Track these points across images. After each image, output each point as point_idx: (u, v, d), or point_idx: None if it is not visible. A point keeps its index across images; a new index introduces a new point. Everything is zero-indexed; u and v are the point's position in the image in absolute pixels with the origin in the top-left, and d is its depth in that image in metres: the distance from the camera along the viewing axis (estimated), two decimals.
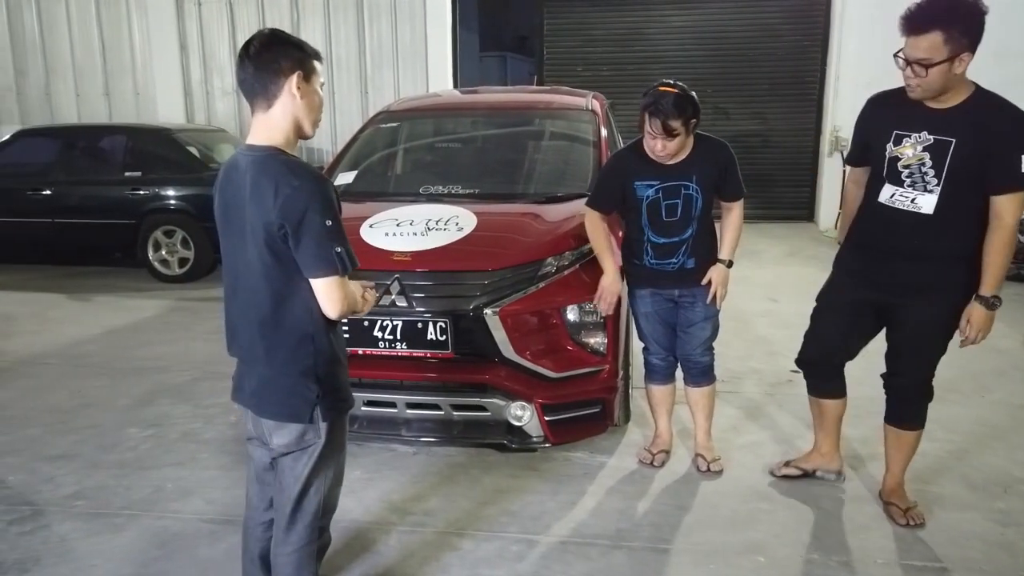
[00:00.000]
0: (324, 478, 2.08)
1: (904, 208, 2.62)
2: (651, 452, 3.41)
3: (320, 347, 1.97)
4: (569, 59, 9.62)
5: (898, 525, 2.88)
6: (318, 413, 1.97)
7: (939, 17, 2.40)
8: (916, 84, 2.50)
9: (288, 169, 1.86)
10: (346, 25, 9.24)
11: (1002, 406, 4.07)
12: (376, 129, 4.57)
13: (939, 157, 2.53)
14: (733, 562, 2.70)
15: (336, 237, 1.87)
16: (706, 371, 3.31)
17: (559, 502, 3.10)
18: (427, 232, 3.34)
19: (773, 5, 9.22)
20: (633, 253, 3.19)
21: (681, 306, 3.23)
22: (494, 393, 3.19)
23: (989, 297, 2.58)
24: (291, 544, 2.08)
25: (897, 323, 2.78)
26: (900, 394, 2.88)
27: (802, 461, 3.24)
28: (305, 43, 1.98)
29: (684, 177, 3.03)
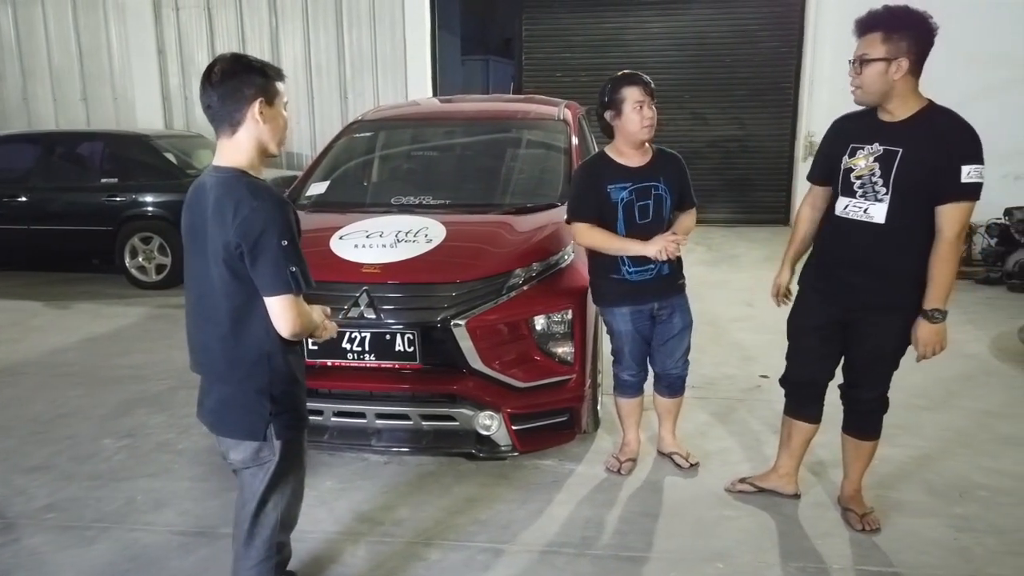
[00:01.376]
0: (281, 495, 2.12)
1: (857, 219, 2.68)
2: (619, 460, 3.46)
3: (276, 366, 2.01)
4: (548, 65, 9.68)
5: (855, 531, 2.94)
6: (272, 431, 2.02)
7: (884, 20, 2.55)
8: (855, 85, 2.61)
9: (249, 191, 1.92)
10: (325, 31, 9.24)
11: (968, 412, 4.15)
12: (350, 139, 4.60)
13: (887, 167, 2.60)
14: (695, 569, 2.75)
15: (291, 257, 1.92)
16: (682, 383, 3.42)
17: (528, 510, 3.14)
18: (396, 244, 3.38)
19: (750, 11, 9.31)
20: (608, 268, 3.20)
21: (659, 320, 3.28)
22: (463, 403, 3.22)
23: (930, 311, 2.63)
24: (251, 559, 2.13)
25: (856, 338, 2.83)
26: (857, 406, 2.94)
27: (758, 479, 3.26)
28: (268, 65, 2.04)
29: (653, 178, 3.13)
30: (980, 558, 2.80)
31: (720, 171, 9.21)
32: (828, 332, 2.87)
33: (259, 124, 1.98)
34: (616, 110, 3.09)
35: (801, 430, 3.08)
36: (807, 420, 3.06)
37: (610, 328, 3.35)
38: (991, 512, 3.11)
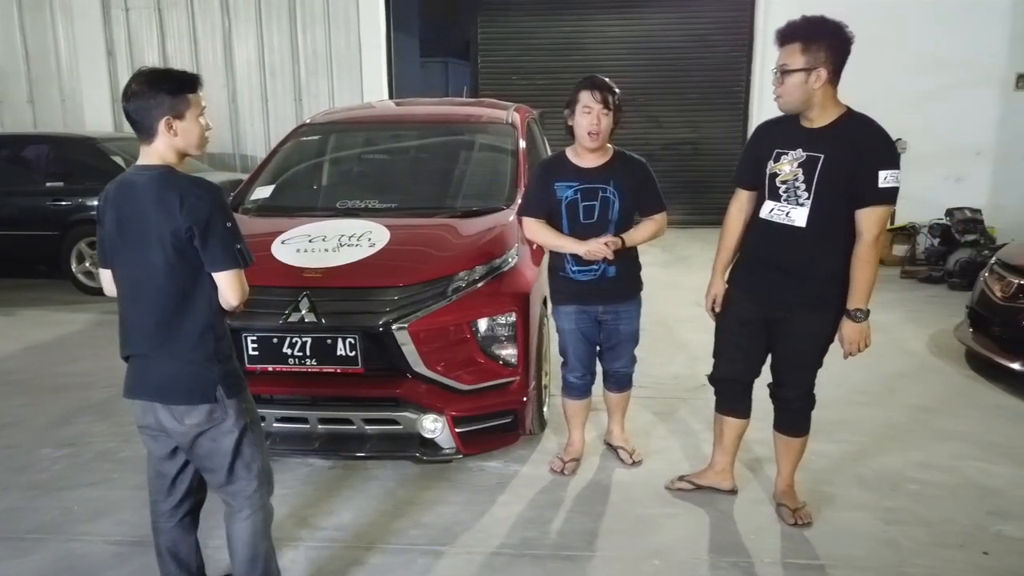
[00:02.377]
0: (252, 444, 2.30)
1: (781, 222, 2.76)
2: (563, 460, 3.50)
3: (219, 334, 2.24)
4: (505, 68, 9.71)
5: (788, 525, 3.02)
6: (222, 392, 2.21)
7: (802, 32, 2.63)
8: (777, 93, 2.69)
9: (190, 182, 2.18)
10: (279, 32, 9.15)
11: (905, 407, 4.27)
12: (296, 142, 4.58)
13: (809, 172, 2.68)
14: (633, 566, 2.80)
15: (236, 236, 2.18)
16: (630, 379, 3.53)
17: (471, 512, 3.16)
18: (339, 248, 3.37)
19: (704, 17, 9.45)
20: (557, 265, 3.27)
21: (604, 325, 3.33)
22: (406, 407, 3.24)
23: (853, 311, 2.72)
24: (244, 512, 2.32)
25: (781, 337, 2.91)
26: (785, 404, 3.02)
27: (696, 477, 3.33)
28: (181, 79, 2.18)
29: (602, 180, 3.16)
30: (907, 550, 2.89)
31: (674, 173, 9.31)
32: (754, 329, 2.95)
33: (171, 137, 2.17)
34: (571, 110, 3.16)
35: (732, 426, 3.16)
36: (736, 416, 3.14)
37: (557, 327, 3.41)
38: (920, 505, 3.21)
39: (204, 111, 2.23)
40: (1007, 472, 3.50)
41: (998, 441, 3.81)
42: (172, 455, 2.33)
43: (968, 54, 8.16)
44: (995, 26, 8.16)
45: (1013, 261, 4.77)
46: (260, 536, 2.36)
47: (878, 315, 6.33)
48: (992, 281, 4.81)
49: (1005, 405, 4.29)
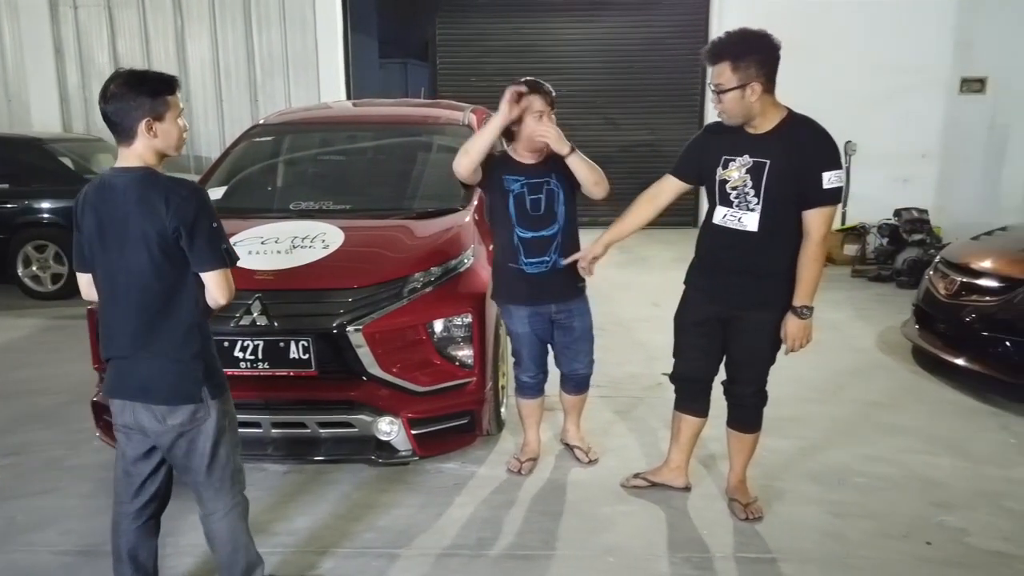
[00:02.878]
0: (230, 444, 2.33)
1: (733, 227, 2.82)
2: (519, 460, 3.52)
3: (204, 334, 2.27)
4: (463, 70, 9.70)
5: (739, 520, 3.07)
6: (206, 392, 2.24)
7: (728, 50, 2.66)
8: (719, 109, 2.75)
9: (174, 183, 2.19)
10: (234, 32, 9.01)
11: (853, 403, 4.38)
12: (249, 143, 4.52)
13: (757, 178, 2.74)
14: (588, 564, 2.83)
15: (222, 236, 2.21)
16: (587, 382, 3.53)
17: (427, 514, 3.16)
18: (292, 250, 3.34)
19: (660, 20, 9.57)
20: (507, 257, 3.25)
21: (558, 324, 3.34)
22: (361, 409, 3.22)
23: (799, 307, 2.80)
24: (219, 510, 2.35)
25: (736, 336, 2.97)
26: (739, 401, 3.08)
27: (651, 474, 3.37)
28: (160, 80, 2.20)
29: (545, 174, 3.20)
30: (854, 542, 2.97)
31: (632, 175, 9.37)
32: (710, 329, 3.00)
33: (150, 139, 2.17)
34: (519, 110, 3.11)
35: (689, 424, 3.21)
36: (694, 414, 3.18)
37: (508, 330, 3.41)
38: (866, 497, 3.29)
39: (182, 112, 2.26)
40: (949, 464, 3.61)
41: (942, 434, 3.93)
42: (146, 456, 2.33)
43: (914, 59, 8.40)
44: (939, 32, 8.42)
45: (956, 259, 4.91)
46: (239, 530, 2.41)
47: (829, 313, 6.51)
48: (936, 279, 4.96)
49: (949, 400, 4.42)
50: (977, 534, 3.02)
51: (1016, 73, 8.39)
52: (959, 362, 4.55)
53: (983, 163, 8.74)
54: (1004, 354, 4.36)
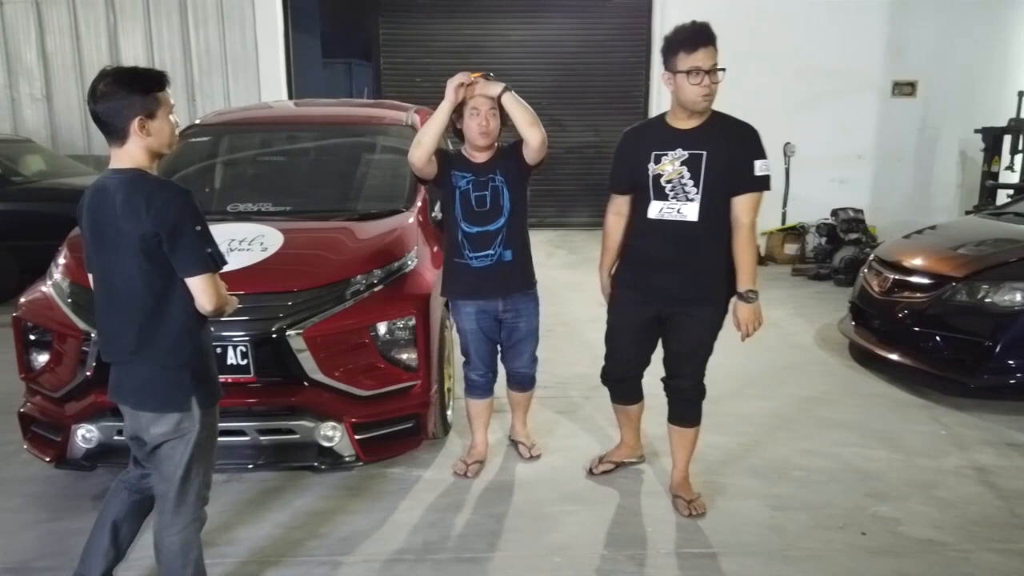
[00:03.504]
0: (204, 461, 2.30)
1: (672, 219, 2.89)
2: (466, 463, 3.50)
3: (196, 342, 2.23)
4: (407, 70, 9.62)
5: (683, 516, 3.11)
6: (194, 402, 2.20)
7: (712, 35, 2.81)
8: (710, 92, 2.77)
9: (158, 185, 2.14)
10: (169, 30, 8.76)
11: (793, 398, 4.48)
12: (184, 144, 4.37)
13: (695, 169, 2.84)
14: (534, 564, 2.82)
15: (206, 240, 2.14)
16: (532, 380, 3.59)
17: (371, 520, 3.11)
18: (228, 253, 3.23)
19: (603, 23, 9.65)
20: (454, 252, 3.27)
21: (504, 324, 3.35)
22: (303, 415, 3.16)
23: (745, 292, 2.89)
24: (178, 524, 2.29)
25: (672, 331, 3.03)
26: (679, 395, 3.14)
27: (613, 455, 3.52)
28: (150, 77, 2.16)
29: (491, 171, 3.22)
30: (792, 533, 3.03)
31: (579, 176, 9.48)
32: (643, 331, 3.09)
33: (143, 138, 2.14)
34: (459, 114, 3.18)
35: (630, 411, 3.37)
36: (632, 403, 3.34)
37: (458, 327, 3.41)
38: (804, 490, 3.37)
39: (173, 109, 2.21)
40: (884, 456, 3.72)
41: (876, 427, 4.05)
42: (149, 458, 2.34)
43: (848, 63, 8.65)
44: (871, 36, 8.68)
45: (888, 258, 5.08)
46: (192, 545, 2.36)
47: (770, 311, 6.63)
48: (870, 277, 5.11)
49: (883, 393, 4.56)
50: (909, 523, 3.12)
51: (945, 76, 8.71)
52: (893, 357, 4.70)
53: (915, 164, 9.05)
54: (934, 349, 4.51)
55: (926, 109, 8.87)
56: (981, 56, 8.72)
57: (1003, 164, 8.09)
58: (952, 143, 8.95)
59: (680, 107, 2.85)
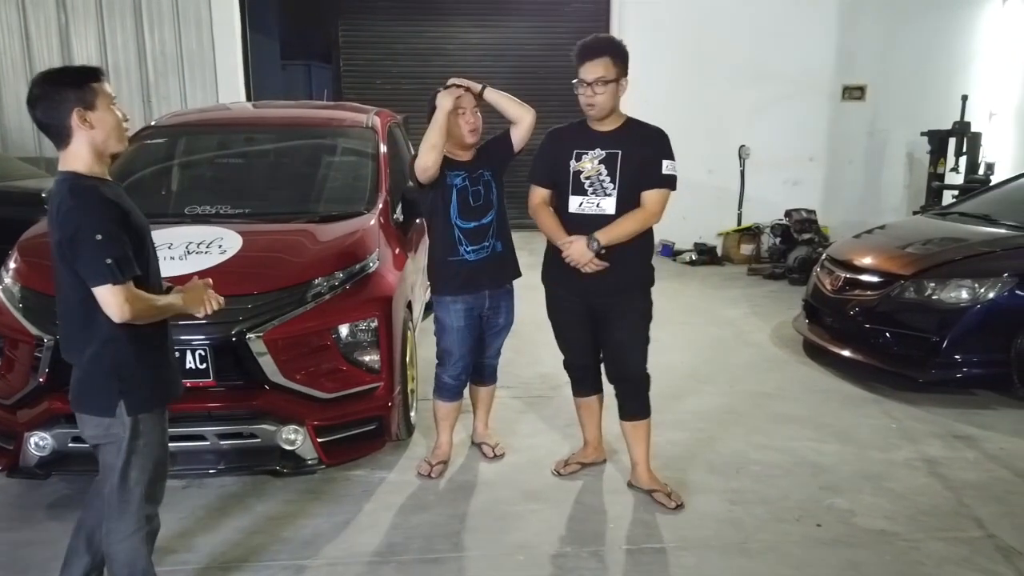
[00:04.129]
0: (142, 469, 2.24)
1: (592, 213, 3.06)
2: (430, 463, 3.51)
3: (121, 349, 2.17)
4: (368, 72, 9.57)
5: (669, 509, 3.20)
6: (122, 408, 2.17)
7: (607, 47, 3.05)
8: (593, 102, 2.99)
9: (69, 191, 2.08)
10: (123, 30, 8.58)
11: (748, 395, 4.58)
12: (141, 145, 4.32)
13: (611, 166, 3.06)
14: (497, 563, 2.85)
15: (107, 249, 2.05)
16: (495, 372, 3.69)
17: (334, 523, 3.11)
18: (186, 256, 3.23)
19: (562, 27, 9.71)
20: (447, 251, 3.31)
21: (486, 317, 3.44)
22: (264, 419, 3.14)
23: (594, 236, 2.99)
24: (121, 531, 2.25)
25: (605, 326, 3.18)
26: (625, 389, 3.26)
27: (578, 457, 3.58)
28: (81, 71, 2.14)
29: (479, 167, 3.34)
30: (750, 526, 3.11)
31: None
32: (578, 320, 3.26)
33: (86, 130, 2.10)
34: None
35: (589, 404, 3.47)
36: (590, 394, 3.45)
37: (441, 325, 3.40)
38: (761, 484, 3.46)
39: (115, 101, 2.17)
40: (836, 450, 3.82)
41: (829, 422, 4.17)
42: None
43: (800, 68, 8.86)
44: (822, 42, 8.91)
45: (840, 256, 5.22)
46: (140, 555, 2.30)
47: (726, 310, 6.76)
48: (823, 275, 5.25)
49: (835, 389, 4.69)
50: (862, 514, 3.21)
51: (892, 81, 8.98)
52: (845, 353, 4.84)
53: (865, 166, 9.30)
54: (884, 345, 4.66)
55: (875, 113, 9.13)
56: (927, 61, 9.02)
57: (948, 166, 8.37)
58: (900, 146, 9.23)
59: None
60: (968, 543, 3.00)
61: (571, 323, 3.29)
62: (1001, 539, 3.02)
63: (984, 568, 2.83)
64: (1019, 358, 4.30)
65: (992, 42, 9.11)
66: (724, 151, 8.89)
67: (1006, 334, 4.32)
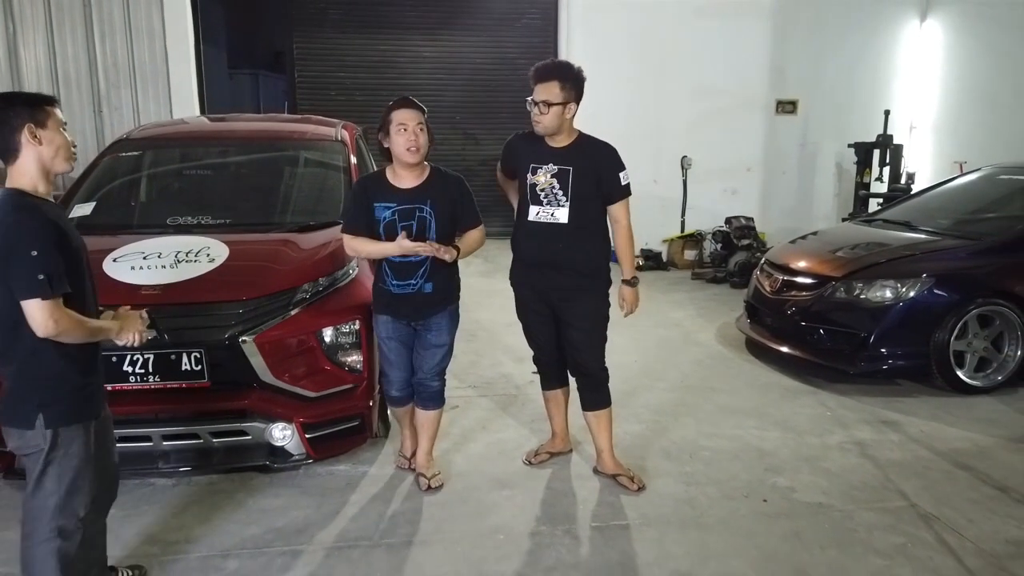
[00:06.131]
0: (58, 481, 2.29)
1: (547, 221, 3.37)
2: (405, 457, 3.73)
3: (45, 362, 2.24)
4: (322, 84, 9.71)
5: (632, 492, 3.50)
6: (41, 421, 2.24)
7: (559, 72, 3.27)
8: (538, 121, 3.28)
9: (11, 207, 2.18)
10: (74, 41, 8.52)
11: (696, 389, 4.94)
12: (115, 158, 4.44)
13: (563, 181, 3.34)
14: (479, 543, 3.11)
15: (40, 265, 2.13)
16: (435, 396, 3.47)
17: (323, 513, 3.31)
18: (177, 264, 3.39)
19: (512, 41, 10.04)
20: (378, 277, 3.38)
21: (418, 333, 3.38)
22: (254, 417, 3.33)
23: (630, 279, 3.49)
24: (32, 537, 2.30)
25: (566, 323, 3.47)
26: (586, 380, 3.55)
27: (548, 447, 3.86)
28: (34, 95, 2.29)
29: (419, 200, 3.19)
30: (704, 505, 3.44)
31: (491, 187, 9.69)
32: (542, 319, 3.54)
33: (34, 147, 2.20)
34: (386, 132, 3.19)
35: (556, 397, 3.75)
36: (557, 387, 3.73)
37: (376, 336, 3.42)
38: (712, 468, 3.80)
39: (65, 127, 2.29)
40: (778, 436, 4.20)
41: (770, 412, 4.55)
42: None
43: (736, 82, 9.38)
44: (756, 58, 9.45)
45: (778, 260, 5.64)
46: (48, 568, 2.31)
47: (673, 312, 7.14)
48: (762, 278, 5.66)
49: (776, 382, 5.09)
50: (802, 491, 3.58)
51: (821, 96, 9.59)
52: (783, 349, 5.25)
53: (798, 175, 9.88)
54: (818, 341, 5.07)
55: (806, 126, 9.72)
56: (852, 78, 9.66)
57: (873, 175, 8.99)
58: (829, 157, 9.85)
59: None
60: (894, 512, 3.39)
61: (536, 322, 3.58)
62: (922, 508, 3.42)
63: (908, 533, 3.22)
64: (937, 350, 4.76)
65: (912, 60, 9.82)
66: (667, 162, 9.34)
67: (925, 329, 4.78)
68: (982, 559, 3.02)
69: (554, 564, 2.97)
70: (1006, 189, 5.96)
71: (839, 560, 3.02)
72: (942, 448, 4.04)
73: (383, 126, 3.21)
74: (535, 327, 3.61)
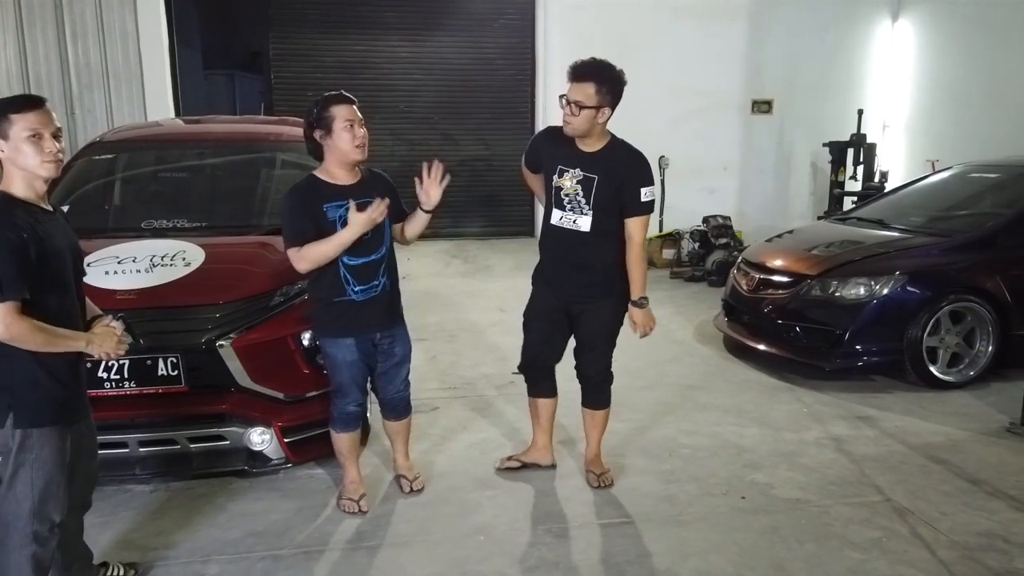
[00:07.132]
0: (29, 484, 2.28)
1: (569, 227, 3.30)
2: (353, 500, 3.33)
3: (14, 364, 2.25)
4: (298, 84, 9.64)
5: (593, 488, 3.52)
6: (11, 420, 2.25)
7: (597, 74, 3.12)
8: (569, 121, 3.17)
9: None
10: (45, 43, 8.40)
11: (675, 387, 4.99)
12: (88, 161, 4.39)
13: (587, 189, 3.24)
14: (460, 543, 3.11)
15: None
16: (408, 403, 3.43)
17: (303, 516, 3.30)
18: (152, 268, 3.37)
19: (489, 42, 10.05)
20: (333, 292, 3.07)
21: (380, 349, 3.22)
22: (232, 421, 3.31)
23: (638, 299, 3.35)
24: (7, 545, 2.29)
25: (578, 324, 3.45)
26: (588, 381, 3.55)
27: (521, 455, 3.78)
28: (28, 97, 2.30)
29: (367, 195, 3.01)
30: (683, 502, 3.47)
31: (470, 188, 9.82)
32: (554, 318, 3.45)
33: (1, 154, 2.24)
34: (326, 129, 2.98)
35: (544, 406, 3.65)
36: (546, 396, 3.64)
37: (332, 360, 3.17)
38: (691, 465, 3.83)
39: (33, 135, 2.24)
40: (756, 433, 4.25)
41: (748, 409, 4.60)
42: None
43: (714, 83, 9.48)
44: (734, 59, 9.56)
45: (754, 259, 5.70)
46: (23, 573, 2.30)
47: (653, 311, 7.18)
48: (739, 277, 5.72)
49: (753, 379, 5.14)
50: (780, 486, 3.62)
51: (796, 96, 9.71)
52: (760, 347, 5.31)
53: (774, 175, 10.00)
54: (795, 338, 5.14)
55: (781, 125, 9.84)
56: (827, 78, 9.79)
57: (847, 174, 9.11)
58: (804, 156, 9.97)
59: None
60: (870, 506, 3.44)
61: (547, 321, 3.45)
62: (897, 502, 3.47)
63: (883, 526, 3.27)
64: (911, 346, 4.84)
65: (884, 59, 9.97)
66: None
67: (899, 326, 4.85)
68: (955, 551, 3.08)
69: (536, 563, 2.98)
70: (977, 187, 6.08)
71: (816, 554, 3.06)
72: (916, 442, 4.10)
73: (320, 123, 2.98)
74: (538, 321, 3.48)
